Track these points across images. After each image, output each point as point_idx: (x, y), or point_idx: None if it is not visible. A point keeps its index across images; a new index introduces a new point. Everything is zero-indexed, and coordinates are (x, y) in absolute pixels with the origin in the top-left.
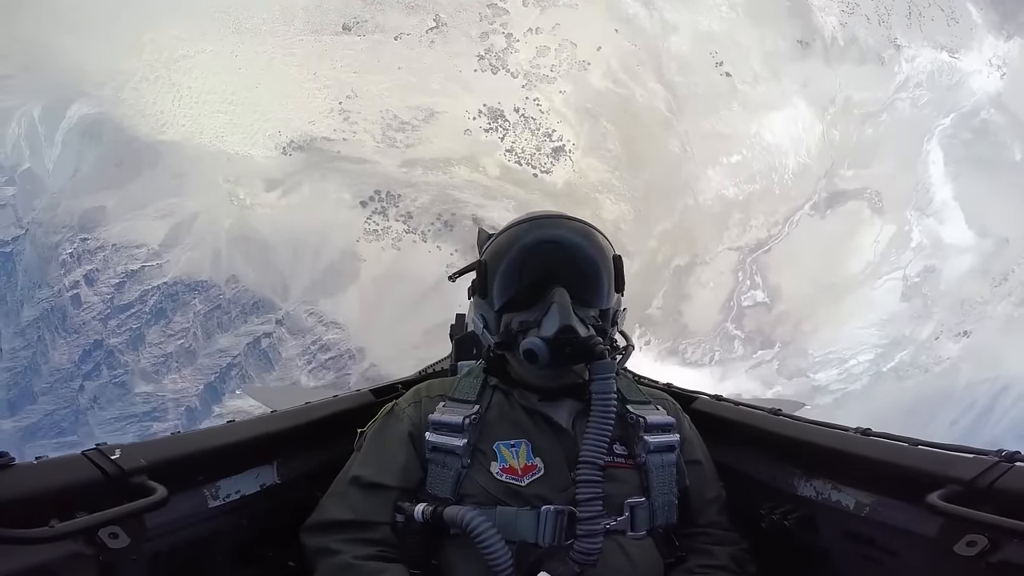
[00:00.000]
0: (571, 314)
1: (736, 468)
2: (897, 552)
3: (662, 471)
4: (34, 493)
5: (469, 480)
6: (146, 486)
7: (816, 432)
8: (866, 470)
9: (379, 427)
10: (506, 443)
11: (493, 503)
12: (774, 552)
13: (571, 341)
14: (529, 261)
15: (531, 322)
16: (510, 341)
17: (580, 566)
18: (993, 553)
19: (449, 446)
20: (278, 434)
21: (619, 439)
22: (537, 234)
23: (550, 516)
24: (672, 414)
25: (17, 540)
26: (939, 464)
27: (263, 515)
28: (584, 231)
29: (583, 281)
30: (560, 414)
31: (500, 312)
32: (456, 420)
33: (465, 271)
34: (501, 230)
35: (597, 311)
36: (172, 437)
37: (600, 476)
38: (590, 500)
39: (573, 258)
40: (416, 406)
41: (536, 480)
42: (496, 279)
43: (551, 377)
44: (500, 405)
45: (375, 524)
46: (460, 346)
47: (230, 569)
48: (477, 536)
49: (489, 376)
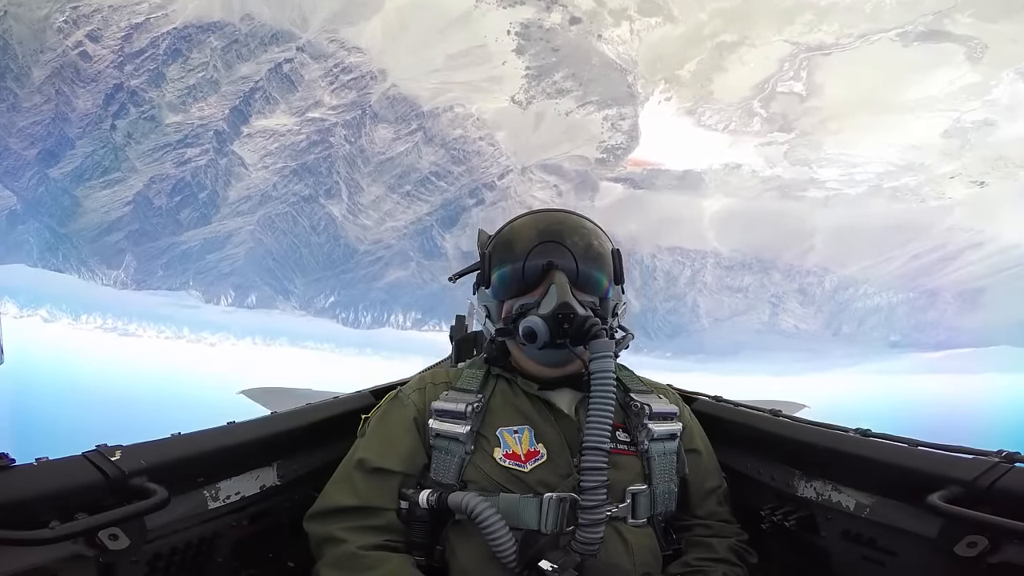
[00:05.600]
0: (569, 293)
1: (736, 469)
2: (897, 553)
3: (664, 459)
4: (34, 494)
5: (472, 466)
6: (146, 488)
7: (816, 433)
8: (866, 471)
9: (383, 413)
10: (509, 429)
11: (496, 489)
12: (775, 553)
13: (569, 319)
14: (530, 250)
15: (531, 304)
16: (511, 326)
17: (581, 556)
18: (993, 554)
19: (452, 433)
20: (278, 435)
21: (622, 426)
22: (538, 226)
23: (552, 503)
24: (674, 403)
25: (17, 542)
26: (939, 465)
27: (263, 516)
28: (583, 224)
29: (581, 270)
30: (562, 401)
31: (502, 301)
32: (459, 408)
33: (466, 271)
34: (503, 225)
35: (596, 299)
36: (172, 439)
37: (605, 463)
38: (594, 488)
39: (572, 248)
40: (420, 392)
41: (539, 466)
42: (497, 268)
43: (552, 364)
44: (503, 392)
45: (380, 510)
46: (460, 347)
47: (230, 570)
48: (482, 523)
49: (492, 366)
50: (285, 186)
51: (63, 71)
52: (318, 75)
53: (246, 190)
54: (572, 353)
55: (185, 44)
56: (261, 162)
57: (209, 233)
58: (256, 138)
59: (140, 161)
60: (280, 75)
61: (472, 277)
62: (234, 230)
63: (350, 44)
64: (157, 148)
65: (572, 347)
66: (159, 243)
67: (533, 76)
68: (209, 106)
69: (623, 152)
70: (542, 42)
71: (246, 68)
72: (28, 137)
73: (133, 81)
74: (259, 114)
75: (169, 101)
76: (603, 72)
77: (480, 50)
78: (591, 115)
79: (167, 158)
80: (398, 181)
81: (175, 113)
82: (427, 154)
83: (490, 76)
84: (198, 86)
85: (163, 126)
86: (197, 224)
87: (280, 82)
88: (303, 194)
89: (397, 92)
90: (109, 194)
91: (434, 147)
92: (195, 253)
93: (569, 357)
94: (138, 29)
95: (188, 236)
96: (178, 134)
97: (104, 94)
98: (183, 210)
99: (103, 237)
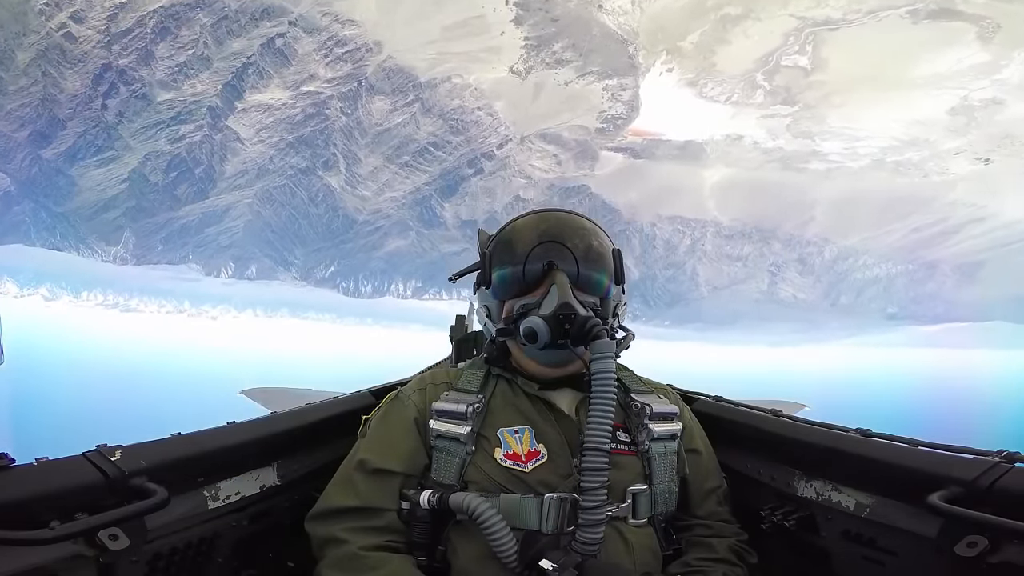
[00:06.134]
0: (570, 293)
1: (736, 469)
2: (897, 553)
3: (664, 459)
4: (34, 494)
5: (473, 467)
6: (146, 488)
7: (816, 433)
8: (866, 471)
9: (384, 413)
10: (509, 429)
11: (497, 489)
12: (775, 553)
13: (570, 319)
14: (531, 249)
15: (532, 304)
16: (511, 326)
17: (582, 555)
18: (993, 554)
19: (453, 434)
20: (278, 435)
21: (623, 426)
22: (539, 226)
23: (553, 504)
24: (674, 403)
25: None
26: (939, 465)
27: (263, 516)
28: (583, 224)
29: (582, 270)
30: (563, 401)
31: (502, 301)
32: (460, 408)
33: (466, 272)
34: (503, 225)
35: (597, 300)
36: (172, 439)
37: (606, 463)
38: (595, 489)
39: (572, 248)
40: (421, 393)
41: (539, 466)
42: (498, 268)
43: (552, 364)
44: (503, 393)
45: (381, 511)
46: (460, 347)
47: (230, 570)
48: (483, 523)
49: (492, 367)
50: (282, 159)
51: (48, 53)
52: (312, 49)
53: (243, 164)
54: (573, 353)
55: (173, 22)
56: (257, 136)
57: (207, 207)
58: (251, 113)
59: (134, 139)
60: (273, 50)
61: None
62: (232, 204)
63: (344, 17)
64: (150, 126)
65: (573, 347)
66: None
67: (532, 46)
68: (201, 82)
69: (623, 122)
70: (541, 12)
71: (237, 44)
72: (17, 119)
73: (122, 60)
74: (253, 89)
75: (160, 79)
76: (603, 43)
77: (478, 20)
78: (591, 85)
79: (161, 135)
80: (396, 152)
81: (167, 91)
82: (425, 125)
83: (488, 47)
84: (189, 63)
85: (155, 104)
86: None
87: (273, 57)
88: (300, 167)
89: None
90: (104, 172)
91: (432, 118)
92: (194, 227)
93: (570, 357)
94: (123, 9)
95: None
96: (171, 111)
97: (92, 74)
98: (180, 185)
99: (100, 215)
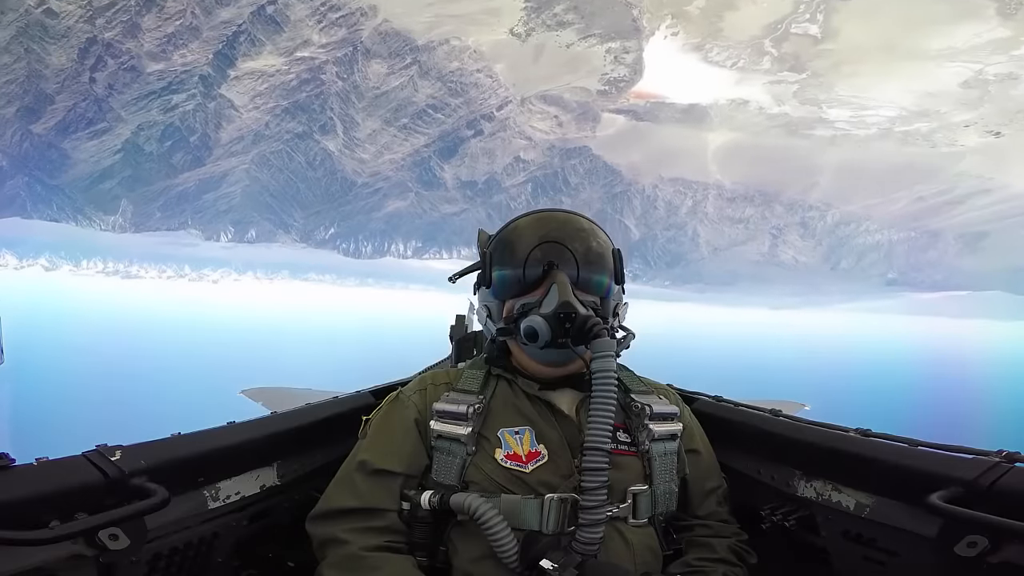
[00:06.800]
0: (570, 292)
1: (736, 469)
2: (898, 553)
3: (664, 459)
4: (34, 494)
5: (474, 467)
6: (146, 488)
7: (816, 433)
8: (866, 471)
9: (385, 414)
10: (510, 430)
11: (498, 490)
12: (775, 553)
13: (571, 318)
14: (531, 249)
15: (532, 303)
16: (512, 325)
17: (582, 555)
18: (994, 554)
19: (454, 434)
20: (278, 435)
21: (623, 427)
22: (539, 226)
23: (553, 504)
24: (674, 403)
25: (17, 542)
26: (939, 465)
27: (263, 516)
28: (584, 224)
29: (582, 270)
30: (563, 401)
31: (502, 300)
32: (460, 409)
33: (466, 271)
34: (503, 225)
35: (597, 299)
36: (172, 439)
37: (606, 463)
38: (595, 489)
39: (573, 248)
40: (421, 394)
41: (540, 466)
42: (498, 268)
43: (553, 363)
44: (503, 393)
45: (382, 511)
46: (460, 347)
47: (230, 570)
48: (484, 524)
49: (492, 367)
50: (278, 125)
51: (29, 30)
52: (305, 15)
53: (238, 131)
54: (573, 353)
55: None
56: (252, 103)
57: (204, 174)
58: (244, 80)
59: (125, 110)
60: (264, 17)
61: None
62: (229, 170)
63: None
64: (141, 97)
65: (573, 347)
66: (154, 187)
67: (532, 8)
68: (191, 52)
69: (626, 85)
70: None
71: (226, 13)
72: (3, 96)
73: (107, 34)
74: (245, 56)
75: (148, 51)
76: (607, 5)
77: None
78: (593, 47)
79: (153, 105)
80: (394, 115)
81: (156, 62)
82: (423, 87)
83: (487, 8)
84: (177, 34)
85: (145, 75)
86: (191, 166)
87: (264, 24)
88: (297, 131)
89: (389, 27)
90: (97, 144)
91: (430, 80)
92: (191, 194)
93: (570, 357)
94: None
95: (183, 178)
96: (161, 82)
97: (78, 48)
98: (175, 154)
99: (96, 185)
